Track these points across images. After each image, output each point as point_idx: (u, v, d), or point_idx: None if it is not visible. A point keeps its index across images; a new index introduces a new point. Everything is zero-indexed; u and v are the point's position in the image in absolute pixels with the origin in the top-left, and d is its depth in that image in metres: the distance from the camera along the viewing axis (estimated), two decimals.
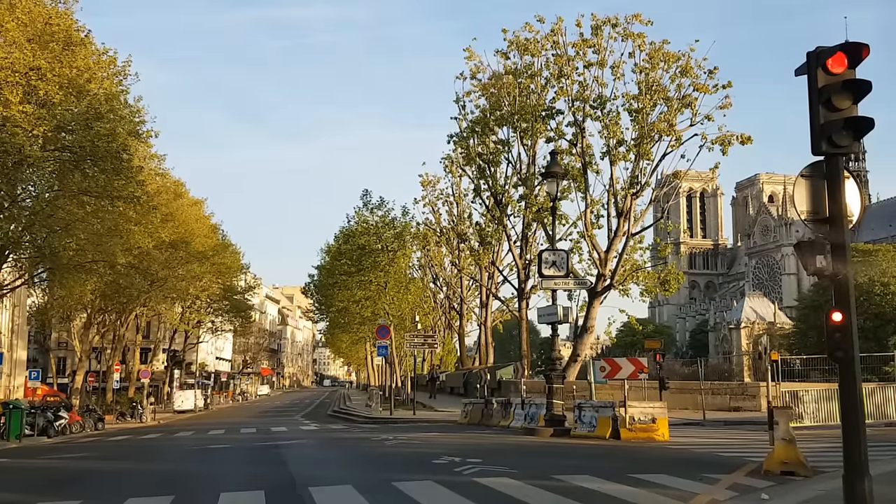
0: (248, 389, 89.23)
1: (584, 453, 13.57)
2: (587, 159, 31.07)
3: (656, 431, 15.86)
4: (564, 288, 18.62)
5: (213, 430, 25.82)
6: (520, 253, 37.04)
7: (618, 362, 16.70)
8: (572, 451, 14.03)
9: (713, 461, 12.03)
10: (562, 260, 17.54)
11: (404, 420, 26.25)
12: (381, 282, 35.13)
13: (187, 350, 68.81)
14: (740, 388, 26.16)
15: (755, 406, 25.26)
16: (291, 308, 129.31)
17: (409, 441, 16.32)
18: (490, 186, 36.64)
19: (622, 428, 15.91)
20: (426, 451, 14.06)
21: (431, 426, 22.99)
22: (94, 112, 25.17)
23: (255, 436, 21.93)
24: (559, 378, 17.45)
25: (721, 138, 28.84)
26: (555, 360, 17.66)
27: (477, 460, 11.56)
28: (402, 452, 14.04)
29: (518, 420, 19.91)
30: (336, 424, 27.35)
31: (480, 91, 35.03)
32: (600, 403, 16.70)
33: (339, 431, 22.72)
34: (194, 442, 19.94)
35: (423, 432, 19.47)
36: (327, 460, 13.61)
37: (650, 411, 16.11)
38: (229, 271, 60.36)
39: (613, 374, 16.52)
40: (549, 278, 17.48)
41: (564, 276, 17.62)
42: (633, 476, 9.60)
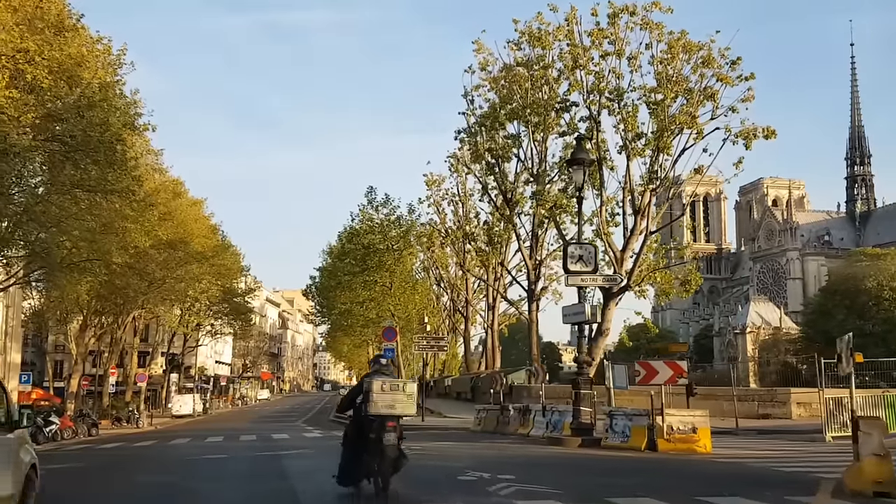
0: (248, 394, 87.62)
1: (625, 468, 12.05)
2: (602, 154, 29.61)
3: (697, 442, 14.32)
4: (592, 284, 17.16)
5: (210, 438, 24.25)
6: (529, 253, 35.55)
7: (654, 366, 15.15)
8: (612, 466, 12.49)
9: (780, 479, 10.49)
10: (589, 254, 16.02)
11: (412, 427, 24.53)
12: (387, 282, 33.58)
13: (186, 353, 67.18)
14: (769, 395, 24.63)
15: (785, 413, 23.75)
16: (292, 312, 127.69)
17: (424, 452, 14.75)
18: (499, 184, 35.17)
19: (659, 438, 14.37)
20: (447, 464, 12.53)
21: (443, 434, 21.45)
22: (87, 101, 23.69)
23: (256, 444, 20.38)
24: (587, 383, 15.92)
25: (744, 131, 27.34)
26: (582, 363, 16.13)
27: (509, 476, 10.03)
28: (420, 466, 12.45)
29: (539, 428, 18.37)
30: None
31: (490, 85, 33.59)
32: (634, 411, 15.16)
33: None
34: (190, 451, 18.38)
35: (437, 441, 17.91)
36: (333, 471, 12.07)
37: (690, 420, 14.57)
38: (229, 273, 58.77)
39: (649, 378, 14.98)
40: (576, 274, 15.96)
41: (592, 272, 16.09)
42: (704, 500, 8.07)
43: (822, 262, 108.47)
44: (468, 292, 47.68)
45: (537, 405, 19.31)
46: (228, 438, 23.72)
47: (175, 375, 65.13)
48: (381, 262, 33.78)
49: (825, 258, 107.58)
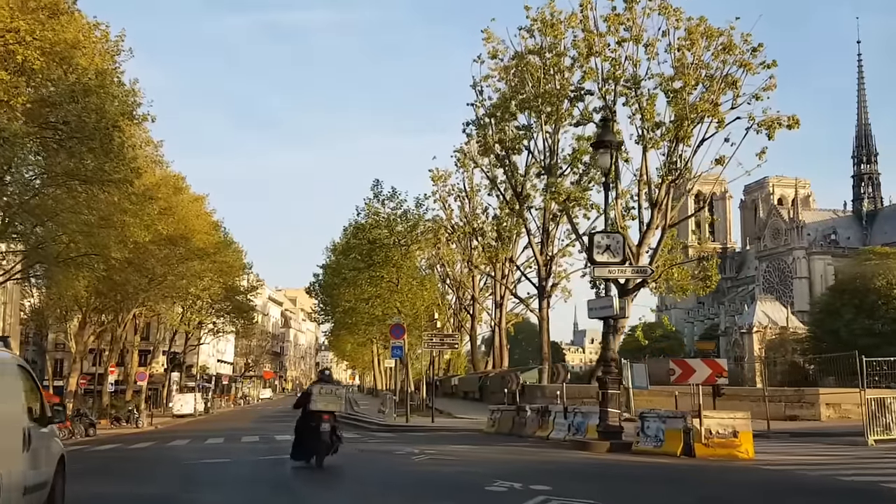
0: (250, 393, 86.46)
1: (670, 477, 10.86)
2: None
3: (739, 448, 13.09)
4: (621, 276, 15.98)
5: (211, 439, 23.07)
6: (540, 248, 34.33)
7: (690, 364, 13.97)
8: (653, 474, 11.30)
9: (846, 490, 9.28)
10: (617, 244, 14.79)
11: (423, 428, 23.49)
12: (393, 278, 32.36)
13: (188, 352, 66.04)
14: (797, 395, 23.36)
15: (813, 415, 22.50)
16: (295, 311, 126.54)
17: (441, 457, 13.57)
18: (509, 177, 33.97)
19: (697, 443, 13.14)
20: (470, 471, 11.34)
21: (456, 436, 20.25)
22: (82, 87, 22.53)
23: (258, 446, 19.20)
24: (615, 382, 14.70)
25: (767, 121, 26.16)
26: (609, 361, 14.91)
27: (544, 488, 8.82)
28: (441, 474, 11.28)
29: (559, 431, 17.16)
30: (347, 432, 24.48)
31: (500, 74, 32.40)
32: (668, 413, 13.94)
33: (354, 442, 19.93)
34: (188, 454, 17.19)
35: (452, 444, 16.71)
36: (347, 486, 10.88)
37: (730, 423, 13.33)
38: (231, 270, 57.63)
39: (685, 377, 13.79)
40: (603, 265, 14.74)
41: (620, 263, 14.88)
42: None
43: (828, 261, 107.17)
44: (475, 290, 46.48)
45: (557, 406, 18.10)
46: (230, 440, 22.55)
47: (176, 374, 64.03)
48: (387, 257, 32.55)
49: (832, 257, 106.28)
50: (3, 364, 6.41)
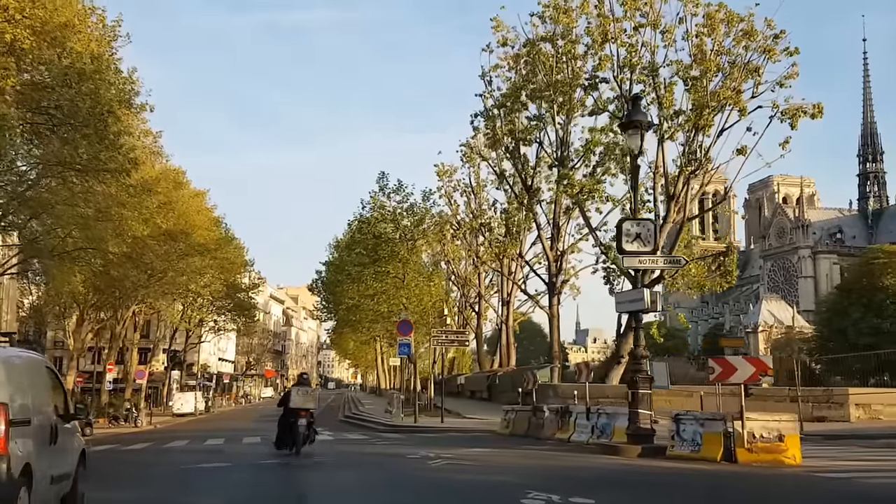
0: (252, 392, 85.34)
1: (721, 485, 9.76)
2: None
3: (785, 452, 11.95)
4: (652, 267, 14.86)
5: (211, 440, 21.92)
6: (550, 244, 33.18)
7: (731, 362, 12.80)
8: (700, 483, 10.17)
9: None
10: (648, 232, 13.67)
11: (432, 429, 22.34)
12: (399, 273, 31.19)
13: (188, 350, 64.81)
14: (825, 396, 22.19)
15: (842, 416, 21.33)
16: (296, 309, 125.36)
17: (460, 462, 12.42)
18: (519, 170, 32.82)
19: (739, 447, 12.01)
20: (497, 480, 10.19)
21: (470, 438, 19.10)
22: (77, 71, 21.40)
23: (260, 448, 18.06)
24: (646, 381, 13.54)
25: (791, 109, 25.03)
26: (640, 358, 13.75)
27: (587, 501, 7.68)
28: (465, 483, 10.11)
29: (581, 433, 16.00)
30: (353, 433, 23.44)
31: (509, 64, 31.25)
32: (706, 415, 12.79)
33: (361, 444, 18.80)
34: (186, 457, 16.04)
35: (467, 447, 15.55)
36: (362, 494, 9.73)
37: (775, 426, 12.19)
38: (233, 267, 56.45)
39: (726, 376, 12.64)
40: (633, 255, 13.61)
41: (651, 253, 13.73)
42: None
43: (834, 260, 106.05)
44: (480, 287, 45.33)
45: (578, 406, 16.94)
46: (230, 440, 21.42)
47: (177, 373, 62.89)
48: (393, 252, 31.39)
49: (837, 256, 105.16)
50: (34, 365, 7.22)
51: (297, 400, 15.08)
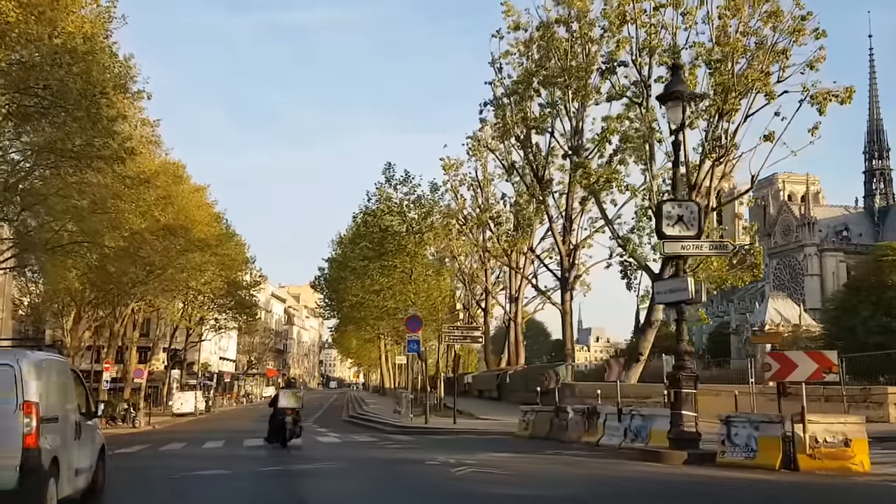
0: (253, 391, 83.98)
1: (777, 496, 8.51)
2: (651, 124, 25.90)
3: (852, 459, 10.57)
4: (697, 254, 13.49)
5: (210, 442, 20.53)
6: (562, 237, 31.81)
7: (791, 357, 11.42)
8: (758, 494, 8.85)
9: None
10: (692, 215, 12.27)
11: (444, 430, 20.97)
12: (407, 268, 29.76)
13: (189, 349, 63.37)
14: (862, 395, 20.83)
15: (881, 416, 19.96)
16: (298, 307, 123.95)
17: (487, 470, 11.02)
18: (530, 160, 31.44)
19: (800, 454, 10.64)
20: (536, 494, 8.81)
21: (487, 441, 17.73)
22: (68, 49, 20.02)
23: (262, 453, 16.67)
24: (690, 380, 12.15)
25: (820, 94, 23.66)
26: (683, 354, 12.36)
27: None
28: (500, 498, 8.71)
29: (612, 436, 14.62)
30: (360, 434, 22.07)
31: (521, 50, 29.88)
32: (762, 417, 11.39)
33: (371, 447, 17.41)
34: (181, 462, 14.66)
35: (488, 451, 14.17)
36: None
37: (840, 429, 10.81)
38: (234, 264, 55.07)
39: (785, 374, 11.26)
40: (675, 240, 12.22)
41: (695, 237, 12.34)
42: None
43: (840, 258, 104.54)
44: (487, 282, 43.91)
45: (607, 407, 15.55)
46: (230, 443, 20.03)
47: (177, 372, 61.49)
48: (400, 245, 29.97)
49: (844, 254, 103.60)
50: (60, 367, 7.86)
51: (284, 401, 17.22)
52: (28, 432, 6.56)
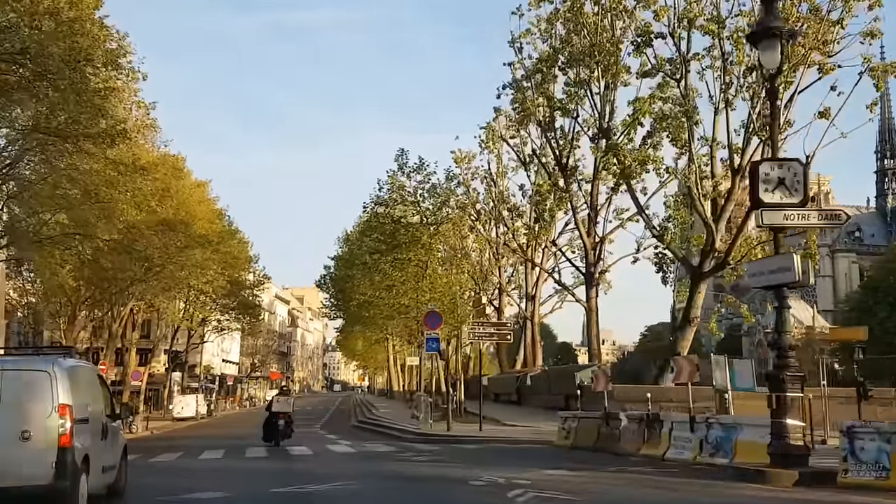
0: (257, 394, 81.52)
1: None
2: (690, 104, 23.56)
3: None
4: (802, 225, 11.13)
5: (208, 452, 18.13)
6: (587, 229, 29.43)
7: None
8: None
9: None
10: (795, 178, 9.92)
11: (471, 439, 18.57)
12: (422, 261, 27.32)
13: (190, 351, 60.84)
14: None
15: None
16: (302, 310, 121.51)
17: (551, 494, 8.61)
18: (554, 146, 29.07)
19: None
20: None
21: (525, 452, 15.39)
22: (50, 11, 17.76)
23: (268, 465, 14.33)
24: (797, 381, 9.77)
25: (880, 67, 21.36)
26: (786, 350, 9.98)
27: None
28: None
29: (681, 448, 12.22)
30: (375, 442, 19.66)
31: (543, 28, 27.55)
32: (893, 429, 8.98)
33: (391, 458, 15.01)
34: (170, 480, 12.27)
35: (536, 467, 11.75)
36: None
37: None
38: (237, 262, 52.72)
39: None
40: (775, 208, 9.86)
41: (801, 205, 9.97)
42: None
43: (852, 258, 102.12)
44: (500, 279, 41.46)
45: (674, 415, 13.16)
46: (231, 453, 17.66)
47: (178, 374, 59.11)
48: (414, 237, 27.55)
49: (856, 255, 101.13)
50: (88, 373, 8.92)
51: (277, 406, 19.49)
52: (63, 432, 7.05)
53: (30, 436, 7.09)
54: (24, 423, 7.11)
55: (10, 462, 7.00)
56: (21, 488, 7.02)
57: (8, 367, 7.47)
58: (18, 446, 7.05)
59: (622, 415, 14.41)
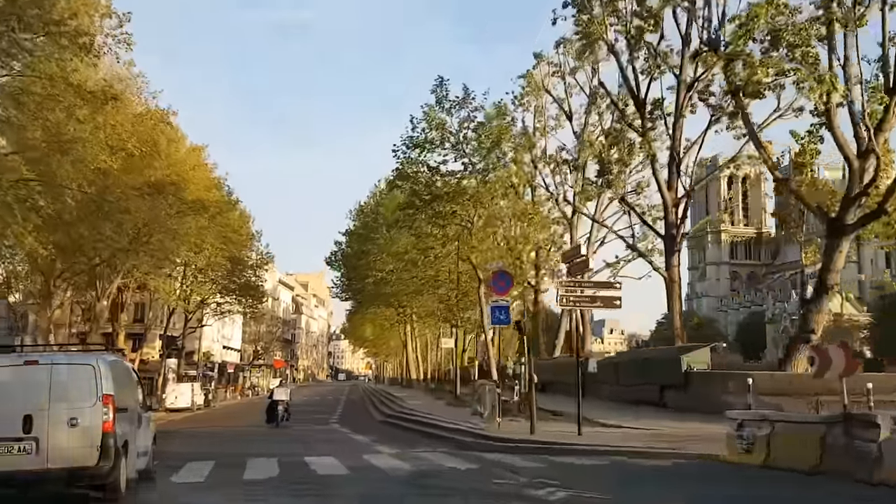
0: (260, 383, 75.27)
1: None
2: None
3: None
4: None
5: (191, 465, 11.84)
6: (668, 181, 23.37)
7: None
8: None
9: None
10: None
11: (574, 448, 12.39)
12: (470, 215, 21.02)
13: (188, 335, 54.53)
14: None
15: None
16: (306, 296, 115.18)
17: None
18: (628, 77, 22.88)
19: None
20: None
21: (683, 472, 9.33)
22: None
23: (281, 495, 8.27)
24: None
25: None
26: None
27: None
28: None
29: None
30: (431, 450, 13.50)
31: None
32: None
33: (481, 485, 8.88)
34: None
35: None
36: None
37: None
38: (238, 240, 46.53)
39: None
40: None
41: None
42: None
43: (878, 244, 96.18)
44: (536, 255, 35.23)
45: None
46: (221, 470, 11.39)
47: (173, 361, 52.85)
48: (458, 187, 21.29)
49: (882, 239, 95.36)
50: (124, 367, 9.86)
51: (278, 395, 23.06)
52: (106, 419, 7.92)
53: (77, 422, 7.79)
54: (72, 412, 7.81)
55: (60, 446, 7.68)
56: (70, 469, 7.70)
57: (58, 362, 8.31)
58: (67, 432, 7.74)
59: (880, 418, 8.29)
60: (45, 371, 7.90)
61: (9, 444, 7.51)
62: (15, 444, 7.52)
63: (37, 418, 7.59)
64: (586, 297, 13.79)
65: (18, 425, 7.53)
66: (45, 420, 7.61)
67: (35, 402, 7.66)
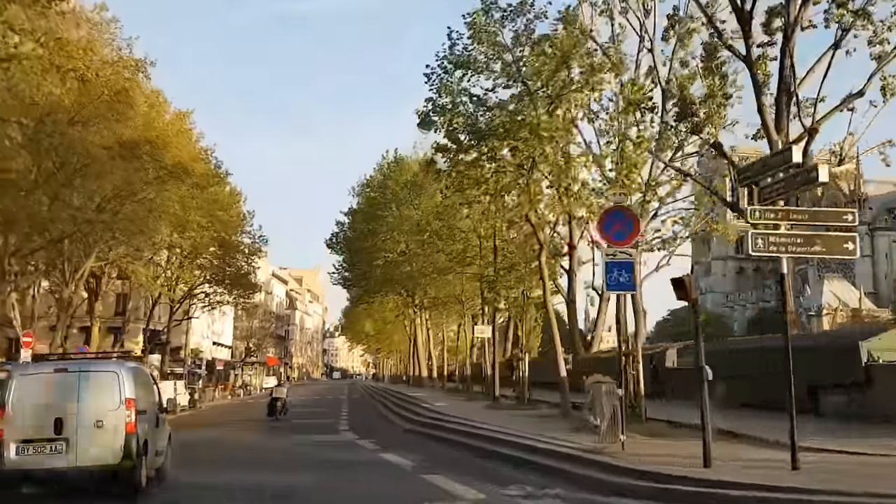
0: (252, 381, 69.18)
1: None
2: None
3: None
4: None
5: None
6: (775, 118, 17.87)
7: None
8: None
9: None
10: None
11: (806, 496, 6.79)
12: (535, 152, 15.04)
13: (173, 329, 48.63)
14: None
15: None
16: (301, 291, 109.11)
17: None
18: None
19: None
20: None
21: None
22: None
23: None
24: None
25: None
26: None
27: None
28: None
29: None
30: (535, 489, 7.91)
31: None
32: None
33: None
34: None
35: None
36: None
37: None
38: (228, 220, 40.85)
39: None
40: None
41: None
42: None
43: (893, 237, 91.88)
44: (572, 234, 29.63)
45: None
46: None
47: (156, 357, 46.84)
48: (513, 120, 15.46)
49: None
50: (143, 372, 10.39)
51: (277, 393, 26.88)
52: (129, 421, 8.59)
53: (102, 424, 8.56)
54: (98, 414, 8.59)
55: (88, 446, 8.44)
56: (97, 467, 8.48)
57: (85, 369, 9.09)
58: (94, 433, 8.52)
59: None
60: (74, 378, 8.80)
61: (42, 444, 8.39)
62: (48, 445, 8.39)
63: (67, 421, 8.44)
64: (800, 236, 8.23)
65: (50, 427, 8.38)
66: (74, 422, 8.46)
67: (65, 406, 8.53)
